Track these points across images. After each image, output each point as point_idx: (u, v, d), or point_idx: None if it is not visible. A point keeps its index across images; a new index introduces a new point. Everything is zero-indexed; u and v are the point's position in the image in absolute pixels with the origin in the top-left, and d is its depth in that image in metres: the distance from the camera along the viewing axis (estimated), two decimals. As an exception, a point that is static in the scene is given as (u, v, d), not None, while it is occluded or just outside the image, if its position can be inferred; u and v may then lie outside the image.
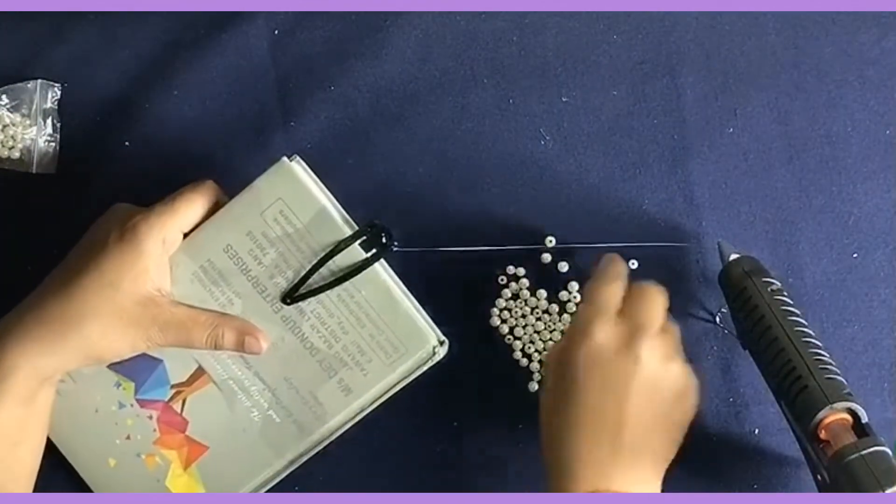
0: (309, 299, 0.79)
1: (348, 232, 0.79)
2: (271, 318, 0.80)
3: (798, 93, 0.90)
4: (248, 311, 0.80)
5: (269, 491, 0.84)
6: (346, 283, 0.79)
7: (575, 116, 0.90)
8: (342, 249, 0.78)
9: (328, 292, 0.79)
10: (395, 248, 0.80)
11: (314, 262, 0.79)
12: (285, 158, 0.79)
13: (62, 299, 0.76)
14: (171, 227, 0.78)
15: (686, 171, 0.89)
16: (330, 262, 0.79)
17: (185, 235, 0.80)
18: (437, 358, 0.81)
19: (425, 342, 0.80)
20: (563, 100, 0.90)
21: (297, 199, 0.79)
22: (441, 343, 0.81)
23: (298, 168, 0.79)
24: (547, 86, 0.90)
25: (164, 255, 0.78)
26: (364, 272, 0.79)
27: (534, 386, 0.87)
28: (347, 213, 0.80)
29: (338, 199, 0.80)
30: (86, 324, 0.76)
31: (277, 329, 0.80)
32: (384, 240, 0.79)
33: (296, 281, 0.79)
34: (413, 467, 0.87)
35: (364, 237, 0.79)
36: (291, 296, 0.79)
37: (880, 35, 0.90)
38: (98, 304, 0.76)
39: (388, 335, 0.80)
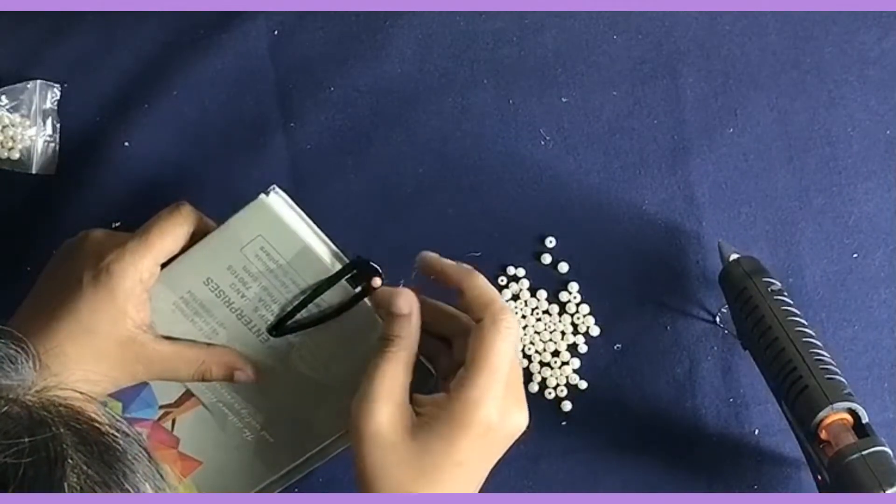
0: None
1: (333, 269, 0.75)
2: (258, 349, 0.77)
3: (798, 93, 0.90)
4: (233, 341, 0.77)
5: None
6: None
7: (575, 116, 0.90)
8: (327, 289, 0.75)
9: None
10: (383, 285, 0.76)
11: (300, 297, 0.76)
12: (262, 196, 0.74)
13: (38, 346, 0.71)
14: (146, 264, 0.74)
15: (686, 171, 0.89)
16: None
17: (166, 263, 0.76)
18: (431, 383, 0.78)
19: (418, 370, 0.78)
20: (563, 100, 0.90)
21: (277, 236, 0.75)
22: (432, 373, 0.78)
23: (277, 203, 0.74)
24: (547, 86, 0.90)
25: (143, 293, 0.74)
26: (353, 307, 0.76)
27: (534, 387, 0.87)
28: (322, 222, 0.76)
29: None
30: (66, 371, 0.74)
31: (265, 359, 0.78)
32: (371, 276, 0.75)
33: (281, 315, 0.76)
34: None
35: (350, 274, 0.75)
36: (278, 329, 0.77)
37: (880, 35, 0.90)
38: (77, 351, 0.73)
39: None
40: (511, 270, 0.88)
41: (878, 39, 0.91)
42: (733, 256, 0.84)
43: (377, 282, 0.75)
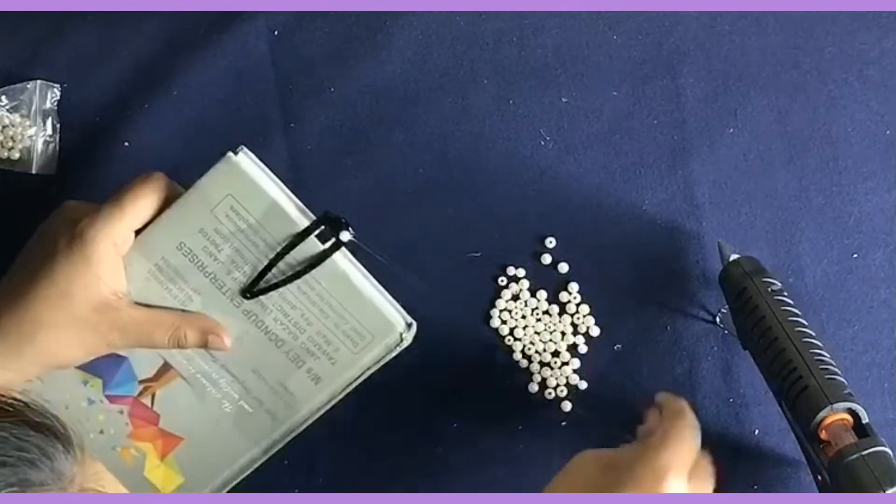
0: (270, 293, 0.78)
1: (302, 225, 0.76)
2: (233, 313, 0.78)
3: (798, 93, 0.90)
4: (208, 307, 0.78)
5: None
6: (306, 276, 0.77)
7: (575, 116, 0.90)
8: (296, 245, 0.76)
9: (289, 285, 0.78)
10: (351, 238, 0.77)
11: (270, 256, 0.77)
12: (230, 153, 0.76)
13: (14, 311, 0.74)
14: (120, 229, 0.75)
15: (686, 171, 0.89)
16: (287, 255, 0.77)
17: (139, 231, 0.77)
18: (407, 342, 0.79)
19: (391, 328, 0.78)
20: (563, 100, 0.90)
21: (246, 194, 0.76)
22: (409, 326, 0.78)
23: (245, 162, 0.76)
24: (547, 86, 0.90)
25: (117, 258, 0.76)
26: (323, 263, 0.77)
27: (534, 387, 0.87)
28: (307, 204, 0.78)
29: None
30: (41, 335, 0.74)
31: (240, 323, 0.79)
32: (339, 230, 0.76)
33: (254, 276, 0.77)
34: (413, 468, 0.87)
35: (319, 230, 0.76)
36: (250, 290, 0.78)
37: (880, 35, 0.90)
38: (52, 315, 0.74)
39: (352, 324, 0.78)
40: (511, 270, 0.88)
41: (878, 39, 0.91)
42: (733, 256, 0.84)
43: (346, 236, 0.76)
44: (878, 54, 0.90)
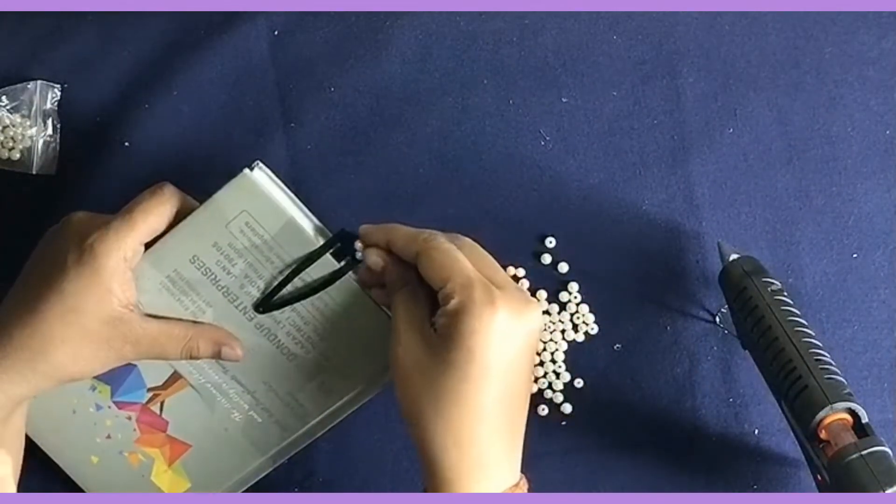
0: (283, 308, 0.78)
1: (318, 243, 0.76)
2: (245, 326, 0.78)
3: (798, 93, 0.90)
4: (220, 320, 0.78)
5: (257, 483, 0.84)
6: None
7: (575, 116, 0.90)
8: (312, 263, 0.76)
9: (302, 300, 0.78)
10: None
11: (285, 272, 0.77)
12: (247, 170, 0.76)
13: (26, 328, 0.74)
14: (129, 243, 0.74)
15: (686, 171, 0.89)
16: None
17: (150, 243, 0.77)
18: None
19: None
20: (563, 100, 0.90)
21: (261, 210, 0.76)
22: None
23: (261, 178, 0.76)
24: (547, 86, 0.90)
25: (127, 271, 0.75)
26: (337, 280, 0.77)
27: (533, 387, 0.87)
28: (321, 219, 0.78)
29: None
30: (54, 351, 0.74)
31: (252, 336, 0.78)
32: (355, 249, 0.76)
33: (267, 292, 0.77)
34: (413, 468, 0.87)
35: (334, 247, 0.76)
36: (264, 305, 0.77)
37: (880, 35, 0.91)
38: (64, 331, 0.74)
39: (365, 339, 0.78)
40: (511, 270, 0.88)
41: (878, 39, 0.91)
42: (733, 256, 0.84)
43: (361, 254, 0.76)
44: (878, 54, 0.90)
